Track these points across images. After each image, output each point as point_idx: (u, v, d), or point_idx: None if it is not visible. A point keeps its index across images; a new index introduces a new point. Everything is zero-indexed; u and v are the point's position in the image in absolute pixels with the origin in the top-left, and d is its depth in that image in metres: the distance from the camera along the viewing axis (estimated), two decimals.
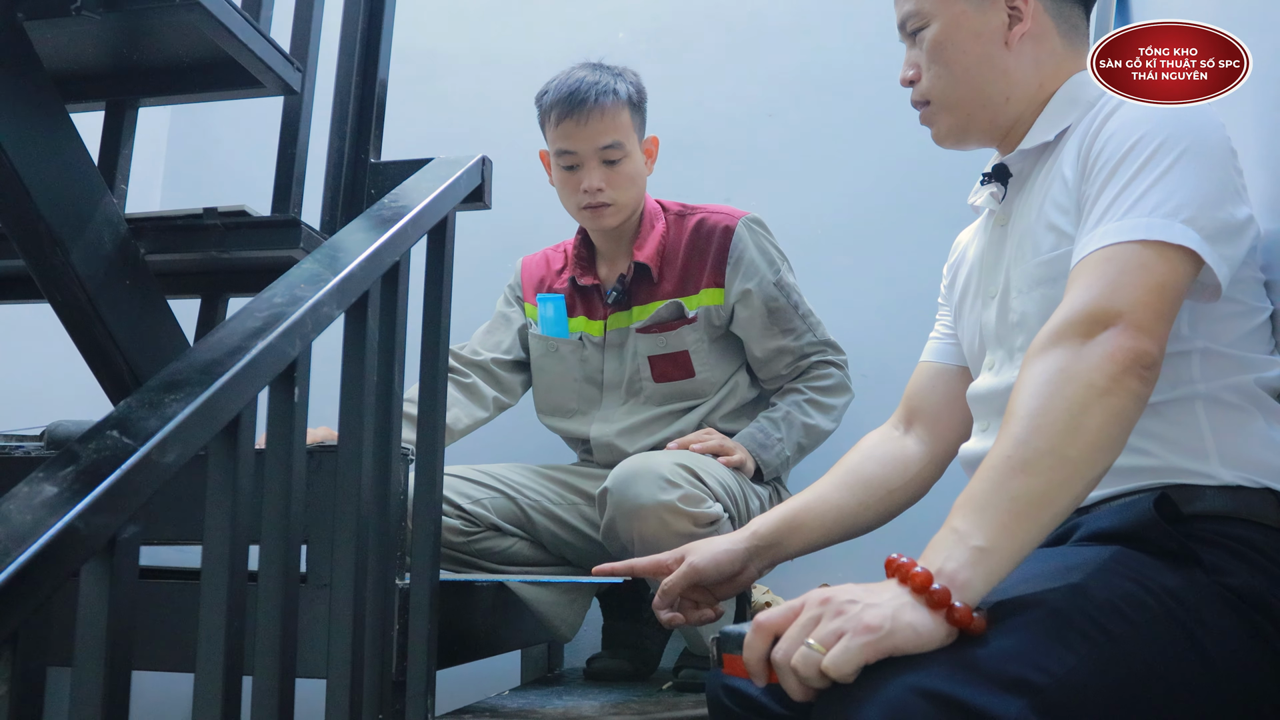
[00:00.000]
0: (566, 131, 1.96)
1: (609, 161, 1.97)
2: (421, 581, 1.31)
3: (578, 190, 1.99)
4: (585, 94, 1.94)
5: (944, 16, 1.21)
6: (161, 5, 1.15)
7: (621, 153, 1.98)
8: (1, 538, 0.65)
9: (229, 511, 0.87)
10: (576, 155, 1.97)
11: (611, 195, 1.98)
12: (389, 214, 1.22)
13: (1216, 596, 0.94)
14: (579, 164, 1.98)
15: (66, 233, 1.21)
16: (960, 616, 0.82)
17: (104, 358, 1.30)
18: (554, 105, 1.97)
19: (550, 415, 2.13)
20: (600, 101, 1.94)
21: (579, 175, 1.98)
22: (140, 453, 0.74)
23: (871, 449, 1.38)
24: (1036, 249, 1.14)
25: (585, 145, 1.96)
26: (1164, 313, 0.96)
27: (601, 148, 1.96)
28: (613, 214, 2.00)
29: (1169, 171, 1.02)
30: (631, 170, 2.00)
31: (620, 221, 2.02)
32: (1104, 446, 0.91)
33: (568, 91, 1.95)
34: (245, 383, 0.86)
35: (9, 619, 0.62)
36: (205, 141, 2.96)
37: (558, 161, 2.01)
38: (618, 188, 1.98)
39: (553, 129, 1.99)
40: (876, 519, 1.34)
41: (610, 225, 2.01)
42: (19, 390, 2.45)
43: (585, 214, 2.01)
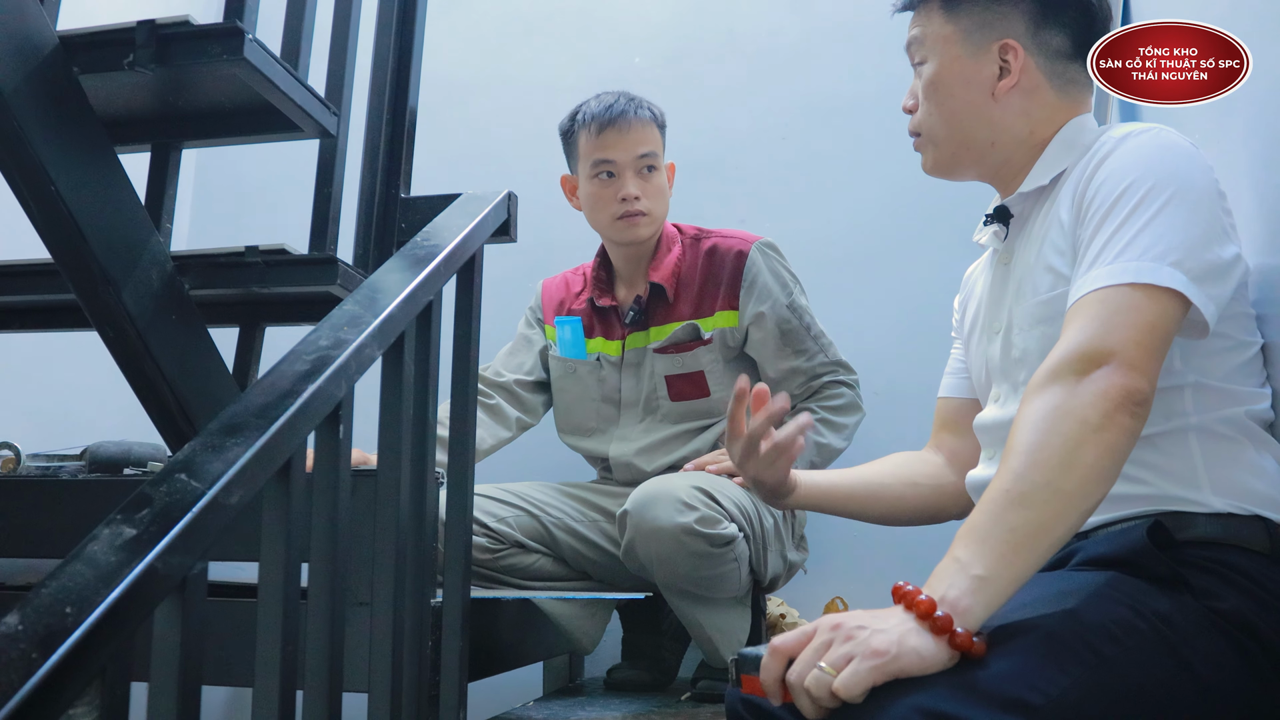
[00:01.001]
0: (608, 141, 2.04)
1: (646, 169, 2.06)
2: (454, 599, 1.38)
3: (614, 200, 2.05)
4: (624, 108, 2.05)
5: (942, 57, 1.26)
6: (209, 60, 1.21)
7: (656, 162, 2.08)
8: (90, 578, 0.72)
9: (283, 545, 0.94)
10: (615, 164, 2.05)
11: (647, 205, 2.06)
12: (422, 253, 1.29)
13: (1205, 620, 0.99)
14: (617, 172, 2.06)
15: (118, 272, 1.28)
16: (961, 641, 0.88)
17: (152, 388, 1.37)
18: (593, 119, 2.06)
19: (570, 434, 2.20)
20: (639, 114, 2.06)
21: (616, 185, 2.05)
22: (208, 496, 0.81)
23: (896, 466, 1.45)
24: (1036, 289, 1.19)
25: (625, 154, 2.04)
26: (1154, 351, 1.01)
27: (639, 156, 2.05)
28: (646, 224, 2.07)
29: (1158, 216, 1.06)
30: (662, 183, 2.10)
31: (651, 233, 2.10)
32: (1097, 480, 0.96)
33: (606, 106, 2.06)
34: (297, 425, 0.94)
35: (100, 653, 0.69)
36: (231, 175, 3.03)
37: (593, 173, 2.07)
38: (652, 197, 2.07)
39: (592, 140, 2.06)
40: (916, 508, 1.41)
41: (643, 235, 2.08)
42: (56, 412, 2.53)
43: (620, 224, 2.07)
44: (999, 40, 1.24)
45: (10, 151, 1.16)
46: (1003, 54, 1.24)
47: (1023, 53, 1.23)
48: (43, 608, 0.69)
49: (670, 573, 1.76)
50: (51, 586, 0.71)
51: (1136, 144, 1.13)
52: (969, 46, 1.25)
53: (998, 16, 1.24)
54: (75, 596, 0.70)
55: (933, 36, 1.27)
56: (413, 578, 1.26)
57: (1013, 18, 1.24)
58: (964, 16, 1.25)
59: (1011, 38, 1.24)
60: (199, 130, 1.45)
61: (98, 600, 0.70)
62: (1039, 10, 1.24)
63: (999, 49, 1.24)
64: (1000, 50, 1.24)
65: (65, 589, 0.71)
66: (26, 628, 0.67)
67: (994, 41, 1.24)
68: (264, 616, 0.94)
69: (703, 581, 1.76)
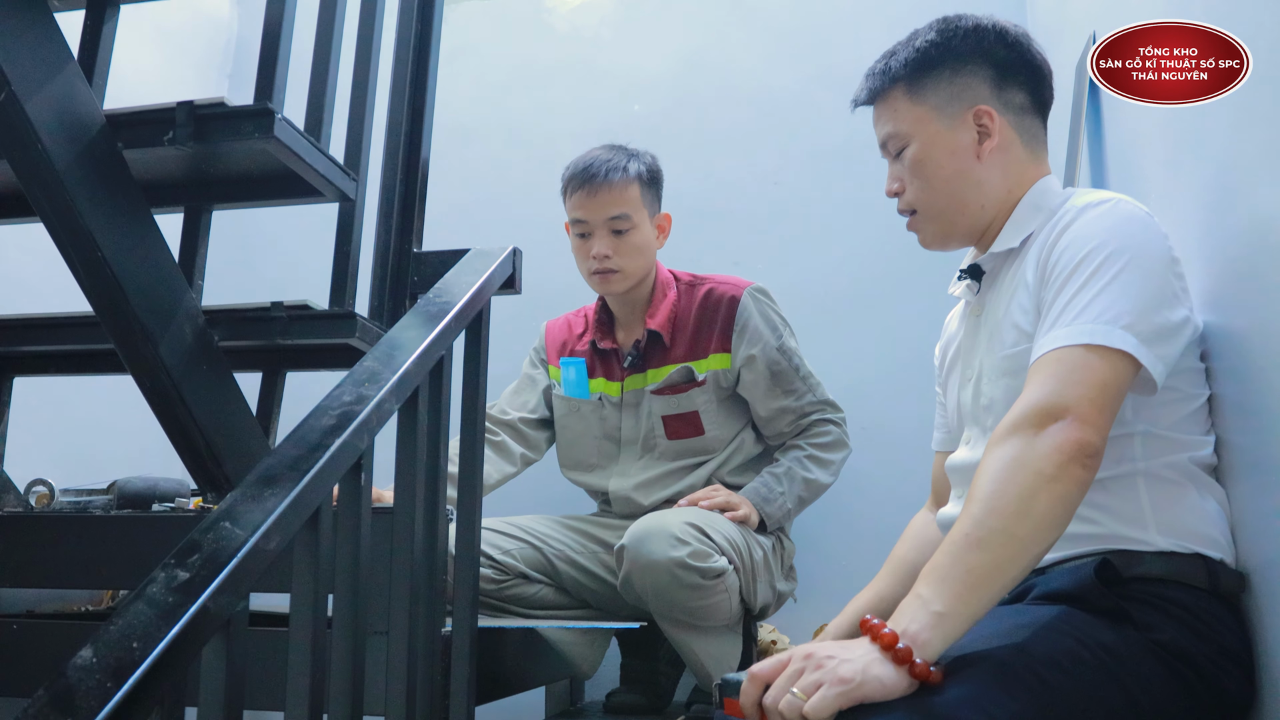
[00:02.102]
0: (579, 202, 2.16)
1: (617, 231, 2.15)
2: (463, 628, 1.48)
3: (588, 256, 2.17)
4: (597, 170, 2.14)
5: (922, 137, 1.35)
6: (242, 137, 1.33)
7: (629, 224, 2.15)
8: (152, 617, 0.83)
9: (312, 583, 1.04)
10: (588, 224, 2.16)
11: (618, 263, 2.15)
12: (435, 310, 1.40)
13: (1147, 650, 1.09)
14: (590, 232, 2.17)
15: (155, 327, 1.39)
16: (920, 671, 0.98)
17: (184, 432, 1.48)
18: (570, 179, 2.18)
19: (572, 469, 2.30)
20: (609, 177, 2.13)
21: (590, 243, 2.16)
22: (250, 543, 0.92)
23: (913, 537, 1.54)
24: (1002, 344, 1.29)
25: (596, 215, 2.15)
26: (1106, 407, 1.11)
27: (609, 218, 2.14)
28: (619, 280, 2.17)
29: (1113, 282, 1.16)
30: (639, 241, 2.17)
31: (627, 288, 2.20)
32: (1050, 526, 1.06)
33: (583, 167, 2.16)
34: (326, 476, 1.04)
35: (163, 682, 0.80)
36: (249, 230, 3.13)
37: (573, 230, 2.20)
38: (624, 256, 2.16)
39: (569, 200, 2.19)
40: None
41: (617, 290, 2.19)
42: (82, 449, 2.63)
43: (595, 279, 2.19)
44: (971, 108, 1.33)
45: (62, 221, 1.27)
46: (978, 119, 1.33)
47: (997, 114, 1.33)
48: (112, 642, 0.80)
49: (664, 603, 1.85)
50: (119, 624, 0.82)
51: (1096, 214, 1.23)
52: (945, 120, 1.34)
53: (962, 87, 1.34)
54: (140, 633, 0.81)
55: (906, 122, 1.36)
56: (425, 608, 1.36)
57: (976, 85, 1.34)
58: (931, 94, 1.35)
59: (981, 103, 1.34)
60: (228, 195, 1.57)
61: (159, 636, 0.81)
62: (996, 74, 1.34)
63: (973, 115, 1.33)
64: (975, 116, 1.33)
65: (131, 626, 0.82)
66: (100, 660, 0.78)
67: (966, 109, 1.34)
68: (294, 647, 1.05)
69: (695, 611, 1.86)
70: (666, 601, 1.84)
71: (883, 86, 1.39)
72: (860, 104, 1.44)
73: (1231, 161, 1.22)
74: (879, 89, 1.39)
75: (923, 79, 1.35)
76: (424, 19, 1.84)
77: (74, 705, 0.73)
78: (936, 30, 1.37)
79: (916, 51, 1.36)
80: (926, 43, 1.36)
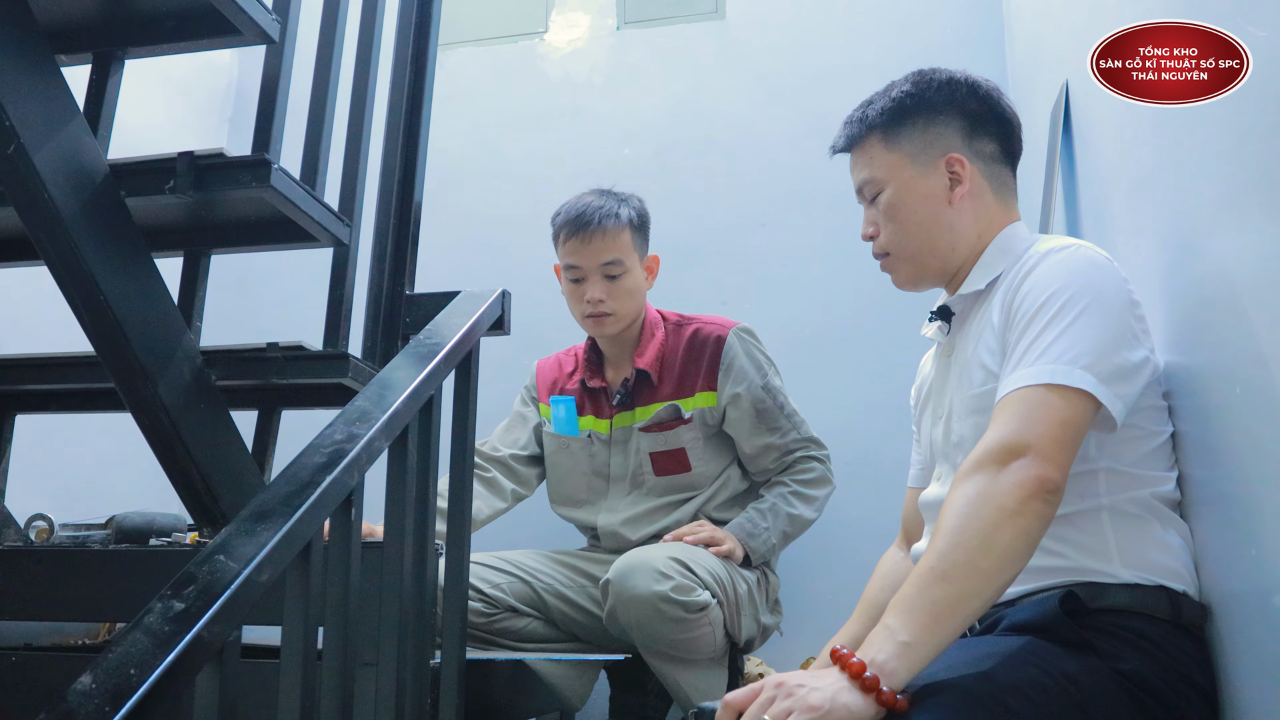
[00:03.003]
0: (573, 249, 2.20)
1: (610, 276, 2.20)
2: (451, 660, 1.51)
3: (582, 300, 2.22)
4: (590, 217, 2.18)
5: (895, 182, 1.41)
6: (240, 186, 1.39)
7: (621, 269, 2.20)
8: (148, 645, 0.87)
9: (302, 616, 1.08)
10: (581, 270, 2.21)
11: (612, 306, 2.20)
12: (425, 351, 1.45)
13: (1109, 680, 1.13)
14: (583, 277, 2.21)
15: (155, 367, 1.44)
16: (886, 699, 1.02)
17: (181, 469, 1.52)
18: (563, 226, 2.22)
19: (562, 505, 2.35)
20: (603, 224, 2.18)
21: (583, 287, 2.21)
22: (243, 576, 0.96)
23: (883, 577, 1.58)
24: (971, 383, 1.33)
25: (588, 261, 2.20)
26: (1066, 444, 1.15)
27: (603, 264, 2.19)
28: (613, 323, 2.22)
29: (1074, 324, 1.21)
30: (631, 285, 2.22)
31: (620, 330, 2.25)
32: (1012, 559, 1.09)
33: (575, 214, 2.20)
34: (317, 512, 1.09)
35: (159, 708, 0.84)
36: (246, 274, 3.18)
37: (566, 275, 2.25)
38: (617, 299, 2.21)
39: (561, 246, 2.24)
40: None
41: (610, 333, 2.24)
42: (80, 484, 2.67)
43: (589, 322, 2.24)
44: (943, 155, 1.40)
45: (66, 265, 1.32)
46: (950, 166, 1.39)
47: (968, 162, 1.39)
48: (111, 669, 0.84)
49: (648, 636, 1.89)
50: (118, 651, 0.86)
51: (1059, 259, 1.28)
52: (918, 167, 1.40)
53: (936, 136, 1.41)
54: (137, 660, 0.85)
55: (881, 168, 1.42)
56: (414, 640, 1.39)
57: (948, 135, 1.41)
58: (905, 142, 1.41)
59: (953, 151, 1.40)
60: (226, 240, 1.62)
61: (155, 663, 0.85)
62: (968, 125, 1.41)
63: (946, 163, 1.39)
64: (947, 164, 1.39)
65: (128, 654, 0.86)
66: (98, 686, 0.83)
67: (939, 157, 1.40)
68: (285, 677, 1.08)
69: (679, 644, 1.89)
70: (650, 634, 1.88)
71: (859, 134, 1.45)
72: (838, 150, 1.50)
73: (1191, 209, 1.27)
74: (856, 136, 1.45)
75: (898, 128, 1.42)
76: (417, 67, 1.90)
77: None
78: (912, 82, 1.43)
79: (892, 101, 1.43)
80: (902, 93, 1.43)
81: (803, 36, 3.10)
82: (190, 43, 1.49)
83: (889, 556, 1.62)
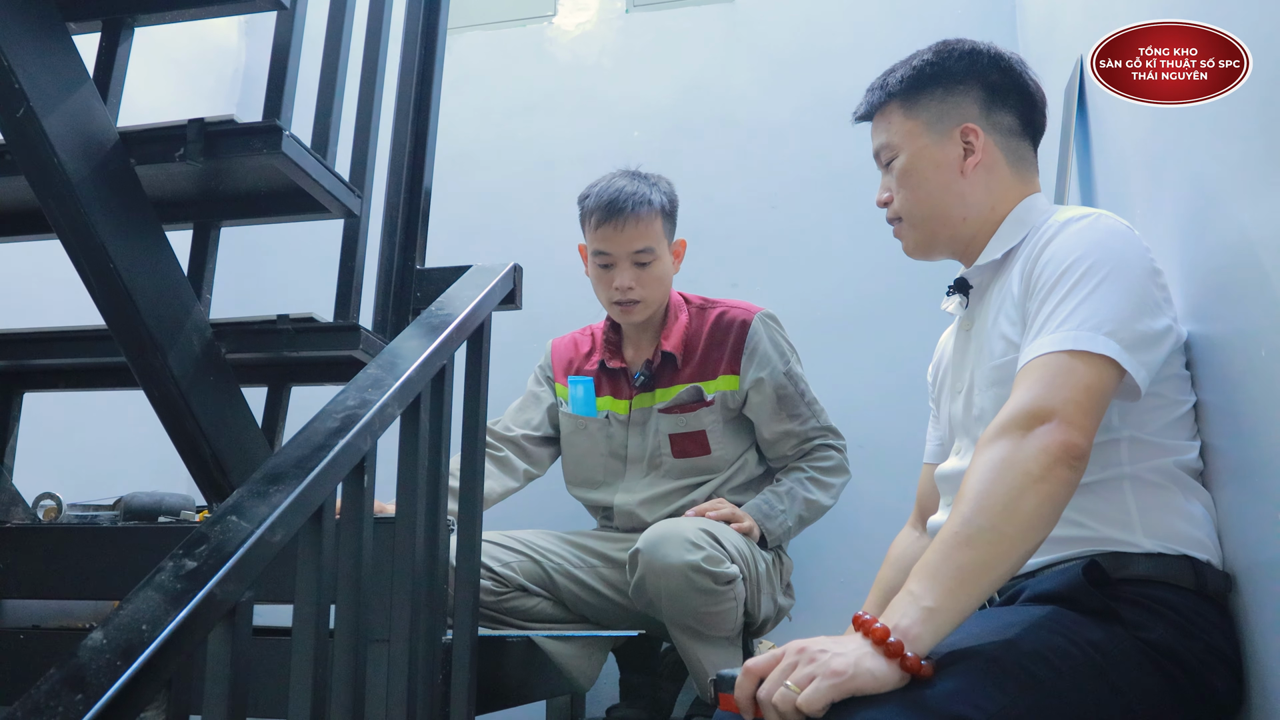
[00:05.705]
0: (604, 236, 2.17)
1: (640, 264, 2.17)
2: (463, 637, 1.50)
3: (610, 287, 2.19)
4: (623, 204, 2.14)
5: (910, 149, 1.41)
6: (250, 153, 1.37)
7: (652, 256, 2.18)
8: (160, 602, 0.85)
9: (315, 581, 1.07)
10: (611, 256, 2.18)
11: (641, 294, 2.18)
12: (437, 322, 1.43)
13: (1135, 648, 1.11)
14: (612, 264, 2.19)
15: (164, 338, 1.42)
16: (911, 664, 1.00)
17: (191, 443, 1.50)
18: (594, 210, 2.18)
19: (578, 486, 2.33)
20: (636, 211, 2.14)
21: (613, 274, 2.19)
22: (256, 535, 0.94)
23: (896, 560, 1.57)
24: (991, 355, 1.32)
25: (620, 249, 2.17)
26: (1091, 410, 1.14)
27: (634, 252, 2.17)
28: (641, 310, 2.21)
29: (1095, 291, 1.20)
30: (660, 272, 2.20)
31: (646, 317, 2.23)
32: (1037, 525, 1.08)
33: (608, 199, 2.15)
34: (329, 475, 1.07)
35: (170, 663, 0.82)
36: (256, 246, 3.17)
37: (595, 260, 2.22)
38: (647, 286, 2.18)
39: (592, 231, 2.20)
40: None
41: (637, 320, 2.22)
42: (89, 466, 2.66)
43: (616, 308, 2.22)
44: (959, 125, 1.39)
45: (77, 235, 1.31)
46: (965, 136, 1.39)
47: (982, 133, 1.39)
48: (123, 625, 0.83)
49: (677, 608, 1.87)
50: (129, 609, 0.84)
51: (1079, 228, 1.27)
52: (933, 135, 1.40)
53: (953, 106, 1.40)
54: (149, 617, 0.84)
55: (898, 134, 1.42)
56: (426, 617, 1.38)
57: (966, 105, 1.40)
58: (923, 110, 1.41)
59: (969, 121, 1.39)
60: (236, 211, 1.60)
61: (167, 620, 0.83)
62: (987, 96, 1.40)
63: (960, 133, 1.39)
64: (962, 134, 1.39)
65: (140, 611, 0.84)
66: (110, 641, 0.81)
67: (954, 126, 1.39)
68: (298, 649, 1.07)
69: (705, 617, 1.88)
70: (679, 605, 1.86)
71: (880, 101, 1.45)
72: (859, 118, 1.50)
73: (1209, 177, 1.25)
74: (876, 103, 1.46)
75: (917, 95, 1.42)
76: (427, 44, 1.88)
77: (85, 682, 0.76)
78: (934, 51, 1.43)
79: (913, 70, 1.43)
80: (923, 62, 1.43)
81: (812, 17, 3.08)
82: (201, 9, 1.47)
83: (901, 539, 1.61)
